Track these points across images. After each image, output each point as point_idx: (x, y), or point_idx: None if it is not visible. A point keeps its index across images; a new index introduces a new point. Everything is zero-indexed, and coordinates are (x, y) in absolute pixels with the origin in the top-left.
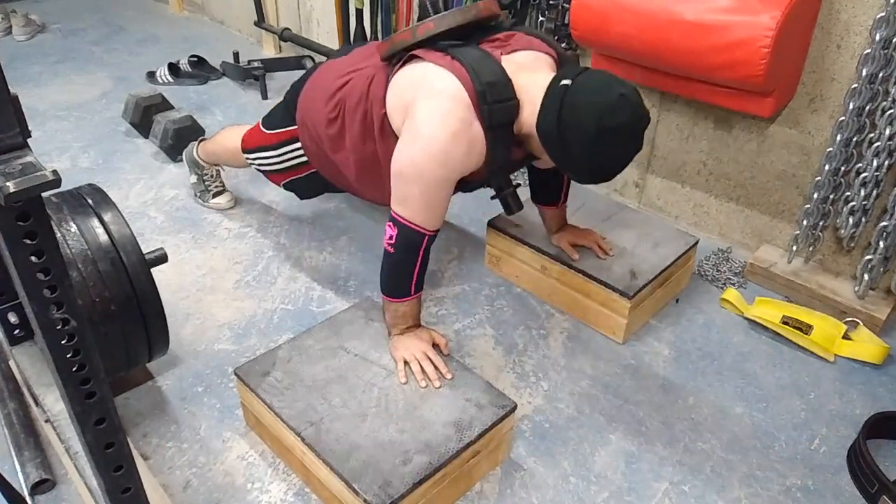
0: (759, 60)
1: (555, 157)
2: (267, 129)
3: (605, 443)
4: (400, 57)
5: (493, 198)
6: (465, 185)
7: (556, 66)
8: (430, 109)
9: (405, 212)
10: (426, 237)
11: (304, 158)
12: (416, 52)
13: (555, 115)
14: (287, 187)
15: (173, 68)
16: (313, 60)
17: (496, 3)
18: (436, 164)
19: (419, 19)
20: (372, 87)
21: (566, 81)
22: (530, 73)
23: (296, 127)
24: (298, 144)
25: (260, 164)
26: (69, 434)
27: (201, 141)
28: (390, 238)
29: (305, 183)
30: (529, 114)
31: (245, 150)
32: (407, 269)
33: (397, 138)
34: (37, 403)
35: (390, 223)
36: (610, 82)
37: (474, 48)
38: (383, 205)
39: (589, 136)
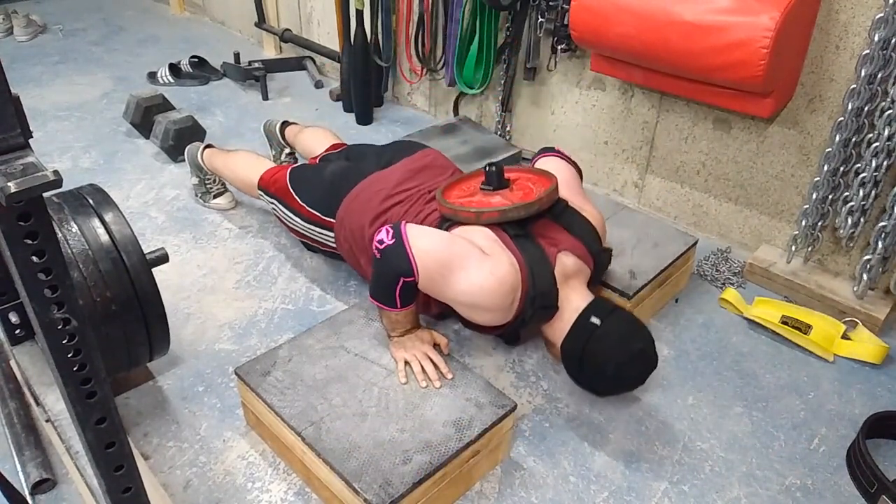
0: (759, 61)
1: (571, 375)
2: (299, 197)
3: (605, 442)
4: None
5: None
6: (476, 327)
7: (590, 271)
8: (496, 272)
9: (418, 243)
10: (412, 280)
11: (333, 245)
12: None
13: (580, 348)
14: (301, 241)
15: (174, 69)
16: (314, 61)
17: (556, 190)
18: (476, 284)
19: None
20: (426, 222)
21: (595, 320)
22: (571, 288)
23: (334, 221)
24: (332, 234)
25: (277, 213)
26: (70, 433)
27: (207, 147)
28: (380, 243)
29: (319, 250)
30: (558, 325)
31: (263, 190)
32: (390, 287)
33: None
34: (38, 403)
35: (389, 227)
36: (633, 335)
37: (533, 244)
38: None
39: (605, 378)
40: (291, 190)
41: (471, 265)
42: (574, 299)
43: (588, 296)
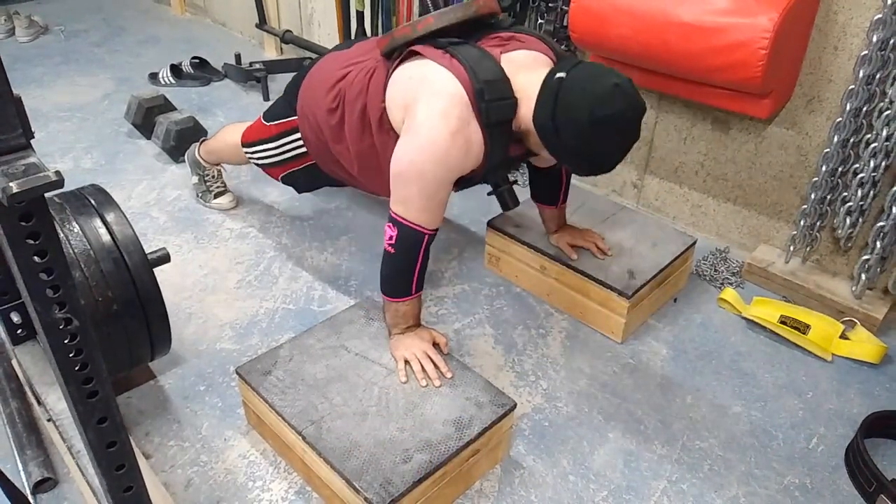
0: (757, 62)
1: (552, 150)
2: (267, 121)
3: (604, 441)
4: (400, 52)
5: (489, 194)
6: (463, 182)
7: (553, 64)
8: (429, 109)
9: (405, 212)
10: (426, 236)
11: (304, 150)
12: (415, 48)
13: (550, 108)
14: (285, 180)
15: (175, 70)
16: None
17: (496, 1)
18: (435, 164)
19: (420, 15)
20: (372, 81)
21: (561, 74)
22: (528, 71)
23: (296, 118)
24: (298, 135)
25: (259, 158)
26: (71, 433)
27: (203, 141)
28: (390, 239)
29: (303, 175)
30: (527, 110)
31: (245, 145)
32: (408, 268)
33: (395, 133)
34: (39, 402)
35: (390, 224)
36: (603, 72)
37: (473, 47)
38: (384, 196)
39: (583, 125)
40: (263, 121)
41: (420, 131)
42: (532, 80)
43: None
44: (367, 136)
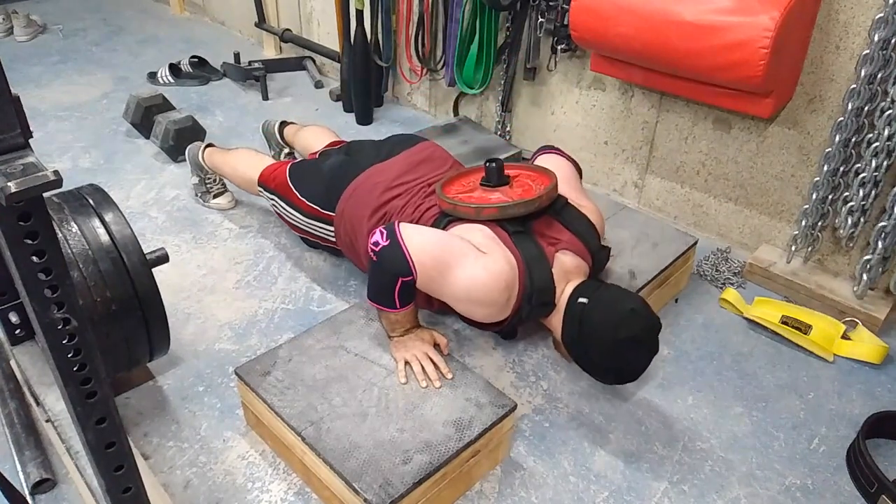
0: (759, 61)
1: (581, 365)
2: (299, 192)
3: (605, 442)
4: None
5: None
6: (477, 325)
7: (588, 268)
8: (491, 268)
9: (411, 245)
10: (410, 279)
11: (332, 238)
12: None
13: (576, 332)
14: (303, 240)
15: (174, 69)
16: (314, 61)
17: (556, 188)
18: (473, 280)
19: (483, 182)
20: (421, 220)
21: (583, 300)
22: (570, 282)
23: (333, 215)
24: (331, 228)
25: (277, 209)
26: (70, 433)
27: (208, 146)
28: (375, 245)
29: (320, 245)
30: (556, 319)
31: (263, 186)
32: (388, 288)
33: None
34: (38, 403)
35: (383, 229)
36: (620, 299)
37: (532, 241)
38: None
39: (607, 347)
40: (291, 185)
41: (467, 262)
42: (567, 293)
43: None
44: None
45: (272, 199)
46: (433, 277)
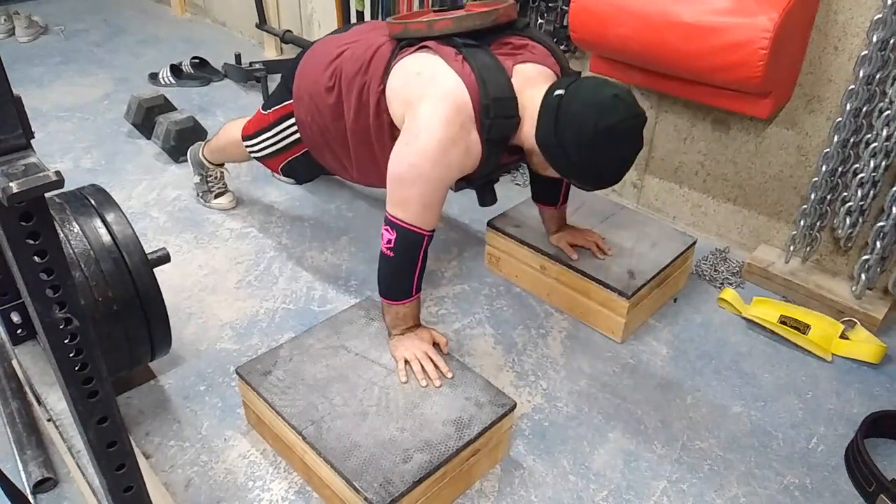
0: (757, 62)
1: (557, 167)
2: (265, 110)
3: (604, 441)
4: (410, 42)
5: (468, 187)
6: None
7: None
8: (433, 113)
9: (404, 214)
10: (425, 237)
11: (298, 136)
12: (427, 42)
13: (552, 125)
14: (284, 171)
15: (175, 70)
16: None
17: (515, 7)
18: (434, 166)
19: (420, 6)
20: (374, 59)
21: (559, 91)
22: (534, 88)
23: (291, 101)
24: (293, 120)
25: (258, 150)
26: (71, 433)
27: (206, 142)
28: (389, 242)
29: (302, 163)
30: (529, 128)
31: (245, 139)
32: (408, 271)
33: (390, 121)
34: (39, 402)
35: (387, 227)
36: (602, 85)
37: (487, 54)
38: (374, 186)
39: (586, 138)
40: (261, 111)
41: (430, 146)
42: (536, 97)
43: None
44: (364, 117)
45: (255, 147)
46: (434, 182)
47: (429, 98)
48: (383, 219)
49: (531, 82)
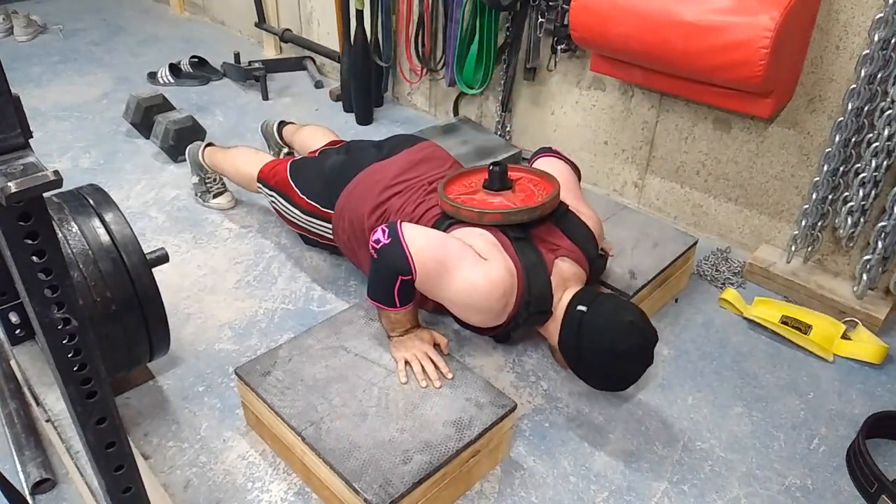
0: (759, 61)
1: (573, 368)
2: (299, 189)
3: (605, 442)
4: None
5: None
6: (473, 329)
7: (586, 276)
8: (491, 275)
9: (415, 241)
10: (409, 278)
11: (329, 236)
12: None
13: (574, 339)
14: (299, 234)
15: (174, 69)
16: (314, 61)
17: (559, 195)
18: (471, 288)
19: (486, 185)
20: (422, 221)
21: (581, 308)
22: (566, 291)
23: (332, 212)
24: (330, 226)
25: (276, 206)
26: (70, 433)
27: (209, 145)
28: (377, 242)
29: (319, 243)
30: (553, 327)
31: (262, 183)
32: (388, 286)
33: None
34: (38, 403)
35: (385, 227)
36: (619, 311)
37: (532, 248)
38: None
39: (604, 358)
40: (291, 181)
41: (466, 267)
42: (565, 300)
43: None
44: None
45: (271, 196)
46: (432, 278)
47: (483, 272)
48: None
49: (566, 283)
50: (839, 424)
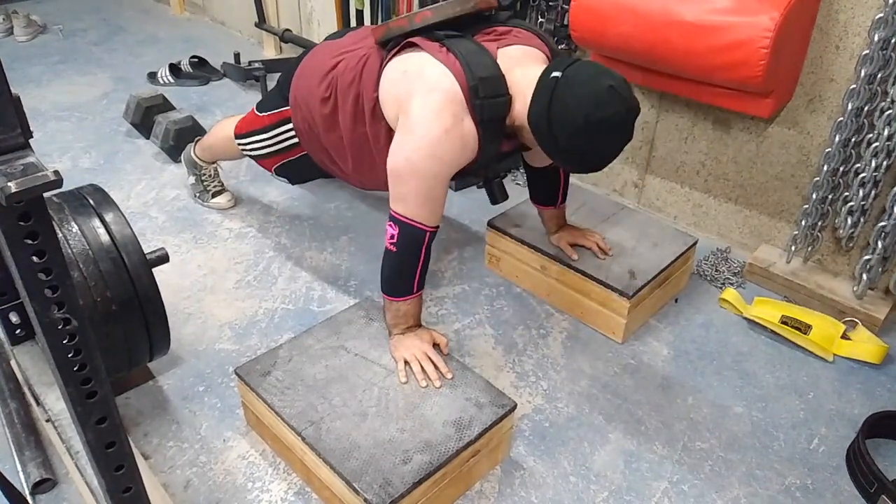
0: (758, 61)
1: (545, 148)
2: (260, 112)
3: (605, 442)
4: (396, 42)
5: (479, 186)
6: (458, 177)
7: (548, 61)
8: (424, 106)
9: (405, 209)
10: (427, 233)
11: (295, 140)
12: (412, 39)
13: (545, 108)
14: (278, 172)
15: (174, 69)
16: None
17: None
18: (431, 160)
19: (420, 6)
20: (365, 69)
21: (556, 73)
22: (523, 67)
23: (288, 108)
24: (290, 126)
25: (252, 149)
26: (70, 433)
27: (197, 140)
28: (392, 238)
29: (296, 166)
30: (521, 106)
31: (238, 137)
32: (410, 267)
33: (387, 124)
34: (38, 403)
35: (391, 223)
36: (599, 74)
37: (469, 41)
38: (372, 190)
39: (578, 128)
40: (255, 112)
41: (416, 101)
42: (528, 75)
43: None
44: (360, 125)
45: (248, 146)
46: (429, 167)
47: (418, 92)
48: (388, 216)
49: (518, 62)
50: (839, 424)
